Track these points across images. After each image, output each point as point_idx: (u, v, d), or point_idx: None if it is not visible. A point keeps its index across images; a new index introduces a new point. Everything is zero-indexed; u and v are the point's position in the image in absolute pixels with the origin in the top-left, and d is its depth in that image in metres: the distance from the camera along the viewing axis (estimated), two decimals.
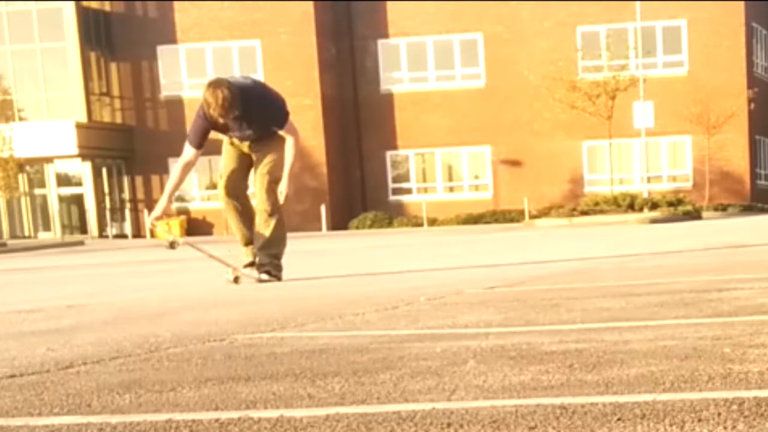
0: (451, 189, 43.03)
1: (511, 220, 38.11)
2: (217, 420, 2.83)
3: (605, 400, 2.80)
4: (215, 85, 8.18)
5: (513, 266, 9.77)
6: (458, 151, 42.54)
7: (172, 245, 8.55)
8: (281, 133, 8.54)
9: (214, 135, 8.74)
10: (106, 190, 43.18)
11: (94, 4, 42.47)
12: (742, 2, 39.83)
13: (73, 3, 41.20)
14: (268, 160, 8.58)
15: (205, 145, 8.57)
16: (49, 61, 41.93)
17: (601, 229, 24.37)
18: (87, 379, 3.69)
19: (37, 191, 43.15)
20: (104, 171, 42.96)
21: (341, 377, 3.44)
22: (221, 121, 8.28)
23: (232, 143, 8.69)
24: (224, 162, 8.77)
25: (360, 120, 42.69)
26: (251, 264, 8.70)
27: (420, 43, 42.02)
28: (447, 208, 40.88)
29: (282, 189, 8.56)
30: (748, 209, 37.35)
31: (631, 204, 34.05)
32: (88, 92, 42.35)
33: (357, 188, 42.94)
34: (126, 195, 43.75)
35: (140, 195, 43.36)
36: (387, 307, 5.79)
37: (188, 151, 8.58)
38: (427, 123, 41.85)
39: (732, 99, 38.78)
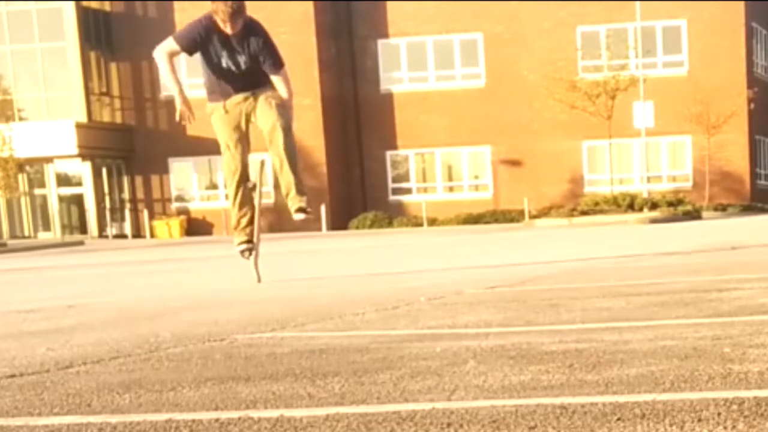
0: (451, 189, 43.02)
1: (511, 220, 38.11)
2: (217, 420, 2.83)
3: (605, 400, 2.80)
4: None
5: (513, 266, 9.76)
6: (458, 151, 42.53)
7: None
8: (275, 78, 8.11)
9: (212, 136, 8.65)
10: (106, 190, 43.16)
11: (94, 4, 42.46)
12: (742, 2, 39.81)
13: (73, 3, 41.20)
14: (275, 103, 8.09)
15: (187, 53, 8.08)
16: (49, 61, 41.92)
17: (601, 229, 24.35)
18: (87, 379, 3.69)
19: (37, 191, 43.14)
20: (104, 171, 42.94)
21: (341, 377, 3.44)
22: (228, 30, 7.77)
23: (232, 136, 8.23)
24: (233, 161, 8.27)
25: (360, 120, 42.68)
26: (247, 242, 8.48)
27: (420, 43, 42.01)
28: (447, 208, 40.87)
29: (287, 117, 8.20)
30: (748, 209, 37.33)
31: (630, 204, 34.04)
32: (88, 92, 42.35)
33: (357, 188, 42.94)
34: (126, 195, 43.73)
35: (140, 195, 43.34)
36: (387, 307, 5.79)
37: (171, 42, 8.08)
38: (427, 123, 41.84)
39: (732, 99, 38.77)
